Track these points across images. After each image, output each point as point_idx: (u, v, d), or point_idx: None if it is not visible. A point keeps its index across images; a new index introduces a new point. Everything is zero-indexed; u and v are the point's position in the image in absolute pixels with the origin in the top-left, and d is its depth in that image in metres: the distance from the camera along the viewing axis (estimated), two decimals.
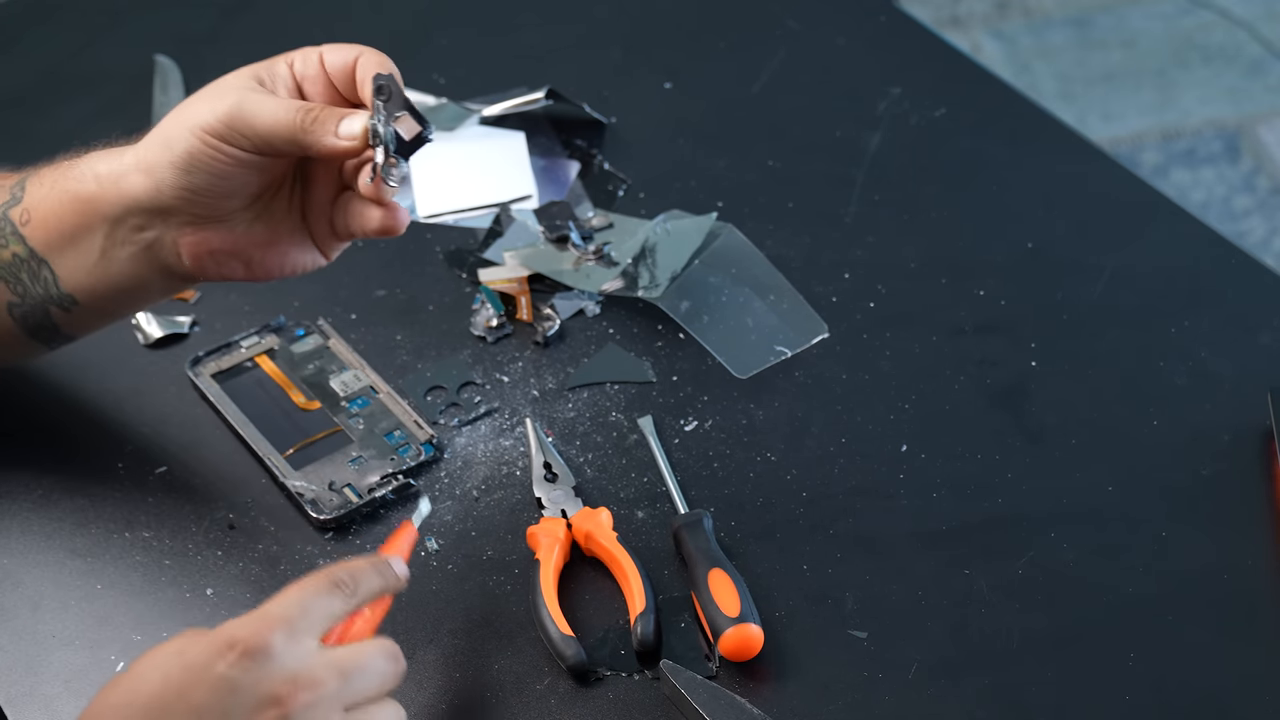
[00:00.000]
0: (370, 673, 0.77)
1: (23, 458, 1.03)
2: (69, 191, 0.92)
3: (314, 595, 0.77)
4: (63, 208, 0.92)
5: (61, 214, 0.92)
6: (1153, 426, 1.03)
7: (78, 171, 0.92)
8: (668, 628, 0.92)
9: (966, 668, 0.90)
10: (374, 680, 0.78)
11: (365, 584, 0.81)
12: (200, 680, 0.73)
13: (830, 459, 1.02)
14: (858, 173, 1.22)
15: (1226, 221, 2.41)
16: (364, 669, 0.77)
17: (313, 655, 0.75)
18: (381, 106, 0.88)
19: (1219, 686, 0.89)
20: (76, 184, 0.92)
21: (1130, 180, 1.22)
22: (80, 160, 0.93)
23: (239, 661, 0.73)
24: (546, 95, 1.24)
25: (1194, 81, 2.68)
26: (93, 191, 0.91)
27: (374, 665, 0.78)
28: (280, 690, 0.73)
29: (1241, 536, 0.96)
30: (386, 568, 0.83)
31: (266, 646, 0.74)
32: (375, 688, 0.78)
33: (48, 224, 0.93)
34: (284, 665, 0.74)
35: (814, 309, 1.11)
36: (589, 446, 1.03)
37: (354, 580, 0.80)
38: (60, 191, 0.92)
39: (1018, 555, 0.96)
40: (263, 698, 0.73)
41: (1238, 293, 1.12)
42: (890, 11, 1.39)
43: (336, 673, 0.75)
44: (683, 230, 1.14)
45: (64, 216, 0.92)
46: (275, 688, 0.73)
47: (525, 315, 1.11)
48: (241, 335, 1.09)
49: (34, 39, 1.38)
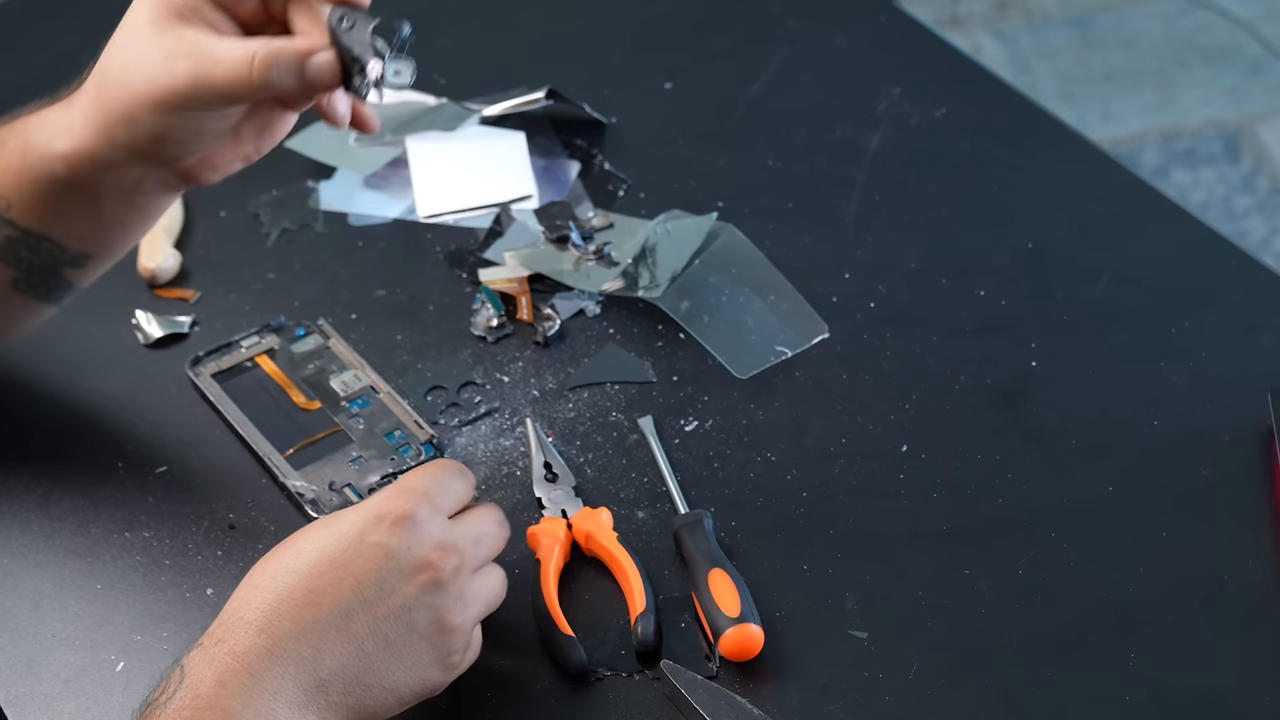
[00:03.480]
0: (489, 538, 0.86)
1: (23, 458, 1.03)
2: (40, 178, 0.91)
3: (447, 476, 0.85)
4: (40, 190, 0.92)
5: (42, 196, 0.92)
6: (1153, 426, 1.03)
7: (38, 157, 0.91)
8: (668, 628, 0.92)
9: (966, 668, 0.90)
10: (492, 545, 0.86)
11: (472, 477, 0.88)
12: (356, 548, 0.79)
13: (830, 459, 1.02)
14: (858, 173, 1.22)
15: (1226, 221, 2.41)
16: (487, 535, 0.85)
17: (450, 525, 0.83)
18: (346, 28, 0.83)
19: (1219, 686, 0.89)
20: (45, 168, 0.91)
21: (1130, 180, 1.23)
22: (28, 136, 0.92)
23: (392, 530, 0.80)
24: (546, 95, 1.24)
25: (1194, 81, 2.68)
26: (65, 173, 0.91)
27: (491, 531, 0.86)
28: (431, 556, 0.80)
29: (1241, 536, 0.96)
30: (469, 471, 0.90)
31: (415, 516, 0.81)
32: (493, 551, 0.86)
33: (31, 207, 0.93)
34: (431, 533, 0.81)
35: (814, 309, 1.11)
36: (589, 446, 1.03)
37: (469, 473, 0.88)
38: (31, 178, 0.92)
39: (1018, 555, 0.96)
40: (417, 563, 0.80)
41: (1238, 293, 1.12)
42: (890, 11, 1.39)
43: (471, 540, 0.84)
44: (683, 230, 1.14)
45: (45, 198, 0.92)
46: (426, 554, 0.80)
47: (525, 315, 1.11)
48: (241, 335, 1.09)
49: (34, 39, 1.38)
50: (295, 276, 1.15)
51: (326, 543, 0.80)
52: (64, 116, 0.91)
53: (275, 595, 0.78)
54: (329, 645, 0.77)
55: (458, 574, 0.81)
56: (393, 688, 0.79)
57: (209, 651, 0.76)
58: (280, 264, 1.16)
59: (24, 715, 0.89)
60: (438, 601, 0.80)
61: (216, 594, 0.95)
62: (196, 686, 0.75)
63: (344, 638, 0.77)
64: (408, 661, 0.80)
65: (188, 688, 0.75)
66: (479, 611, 0.84)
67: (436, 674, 0.82)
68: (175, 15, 0.86)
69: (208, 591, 0.95)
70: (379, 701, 0.79)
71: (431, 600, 0.80)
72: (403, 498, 0.82)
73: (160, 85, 0.85)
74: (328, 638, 0.77)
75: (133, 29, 0.88)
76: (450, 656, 0.82)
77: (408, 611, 0.79)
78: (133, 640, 0.93)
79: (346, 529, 0.80)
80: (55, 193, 0.92)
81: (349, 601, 0.78)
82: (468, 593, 0.82)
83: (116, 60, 0.89)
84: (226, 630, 0.77)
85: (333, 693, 0.77)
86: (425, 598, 0.80)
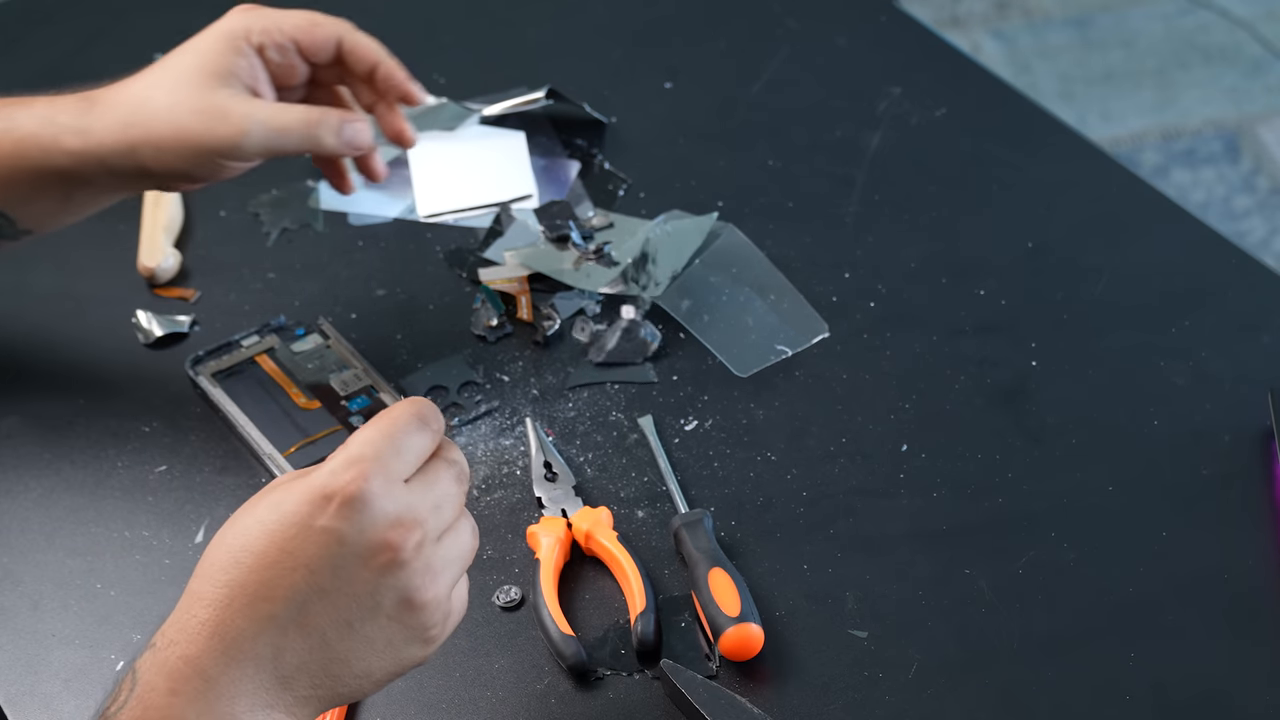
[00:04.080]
0: (451, 495, 0.77)
1: (23, 458, 1.03)
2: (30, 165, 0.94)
3: (402, 432, 0.75)
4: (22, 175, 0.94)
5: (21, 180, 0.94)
6: (1153, 426, 1.03)
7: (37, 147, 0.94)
8: (668, 627, 0.92)
9: (966, 668, 0.90)
10: (455, 501, 0.77)
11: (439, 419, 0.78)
12: (304, 535, 0.72)
13: (830, 459, 1.02)
14: (858, 173, 1.22)
15: (1226, 221, 2.41)
16: (447, 494, 0.76)
17: (408, 494, 0.74)
18: None
19: (1219, 686, 0.89)
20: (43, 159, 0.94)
21: (1130, 180, 1.23)
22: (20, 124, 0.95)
23: (339, 513, 0.71)
24: (546, 95, 1.24)
25: (1194, 81, 2.68)
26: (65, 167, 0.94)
27: (450, 488, 0.77)
28: (388, 536, 0.72)
29: (1241, 536, 0.96)
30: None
31: (364, 495, 0.72)
32: (457, 509, 0.77)
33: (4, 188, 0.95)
34: (384, 510, 0.72)
35: (814, 308, 1.11)
36: (589, 446, 1.03)
37: (435, 415, 0.77)
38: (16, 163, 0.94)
39: (1018, 555, 0.96)
40: (372, 545, 0.72)
41: (1238, 293, 1.12)
42: (890, 11, 1.39)
43: (431, 506, 0.75)
44: (683, 230, 1.14)
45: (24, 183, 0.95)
46: (382, 534, 0.72)
47: (525, 315, 1.11)
48: (241, 335, 1.09)
49: (34, 39, 1.38)
50: (295, 276, 1.15)
51: (272, 528, 0.72)
52: (80, 118, 0.95)
53: (227, 591, 0.71)
54: (288, 641, 0.71)
55: (420, 548, 0.73)
56: (366, 673, 0.74)
57: (161, 655, 0.71)
58: (280, 264, 1.16)
59: (24, 715, 0.89)
60: (402, 582, 0.73)
61: None
62: (148, 695, 0.70)
63: (303, 631, 0.72)
64: (379, 646, 0.74)
65: (139, 696, 0.70)
66: (452, 577, 0.76)
67: (414, 651, 0.76)
68: (218, 78, 0.96)
69: None
70: (353, 688, 0.74)
71: (395, 582, 0.73)
72: (351, 472, 0.72)
73: (202, 140, 0.95)
74: (286, 633, 0.71)
75: (179, 75, 0.96)
76: (428, 631, 0.75)
77: (370, 596, 0.73)
78: (132, 640, 0.93)
79: (291, 511, 0.72)
80: (41, 181, 0.95)
81: (303, 593, 0.71)
82: (435, 563, 0.75)
83: (159, 98, 0.95)
84: (178, 631, 0.72)
85: (298, 687, 0.72)
86: (387, 580, 0.73)
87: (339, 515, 0.71)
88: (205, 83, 0.96)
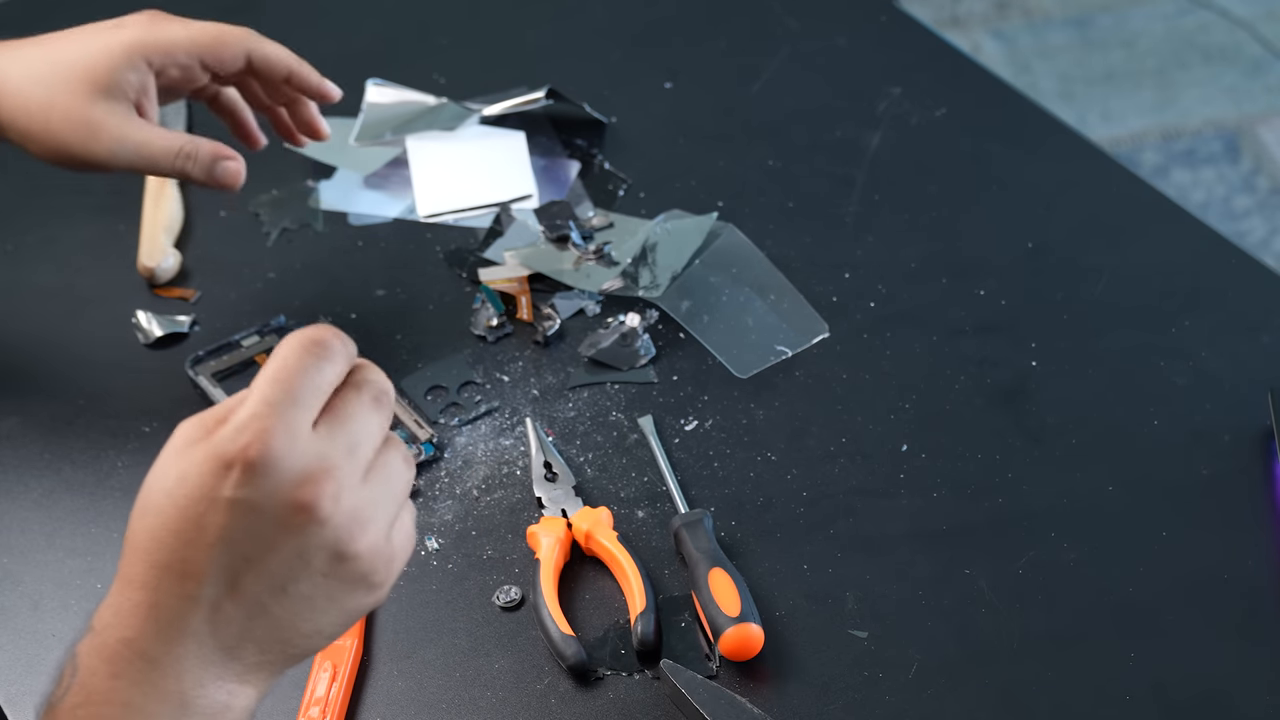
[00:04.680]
0: (370, 426, 0.70)
1: (23, 458, 1.03)
2: None
3: (300, 372, 0.68)
4: None
5: None
6: (1153, 426, 1.03)
7: None
8: (668, 627, 0.92)
9: (966, 668, 0.90)
10: (375, 432, 0.70)
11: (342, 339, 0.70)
12: (213, 508, 0.67)
13: (830, 459, 1.02)
14: (858, 173, 1.22)
15: (1226, 221, 2.41)
16: (362, 429, 0.69)
17: (316, 443, 0.68)
18: None
19: (1219, 686, 0.89)
20: None
21: (1130, 180, 1.22)
22: None
23: (243, 480, 0.66)
24: (546, 95, 1.24)
25: (1194, 81, 2.68)
26: None
27: (368, 418, 0.70)
28: (302, 495, 0.67)
29: (1241, 536, 0.96)
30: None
31: (264, 457, 0.66)
32: (378, 438, 0.70)
33: None
34: (294, 467, 0.67)
35: (814, 309, 1.11)
36: (589, 446, 1.03)
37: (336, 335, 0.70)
38: None
39: (1018, 555, 0.96)
40: (286, 506, 0.67)
41: (1238, 293, 1.12)
42: (890, 11, 1.39)
43: (345, 450, 0.68)
44: (683, 230, 1.14)
45: None
46: (295, 493, 0.67)
47: (525, 315, 1.11)
48: (241, 335, 1.09)
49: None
50: (295, 276, 1.15)
51: (182, 503, 0.67)
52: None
53: (154, 572, 0.68)
54: (223, 614, 0.68)
55: (339, 499, 0.67)
56: (315, 631, 0.70)
57: (99, 639, 0.68)
58: (280, 264, 1.16)
59: (24, 715, 0.89)
60: (327, 537, 0.68)
61: None
62: (90, 680, 0.67)
63: (237, 602, 0.68)
64: (320, 603, 0.69)
65: (81, 682, 0.68)
66: (385, 518, 0.70)
67: (361, 599, 0.71)
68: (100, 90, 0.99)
69: None
70: (305, 647, 0.71)
71: (319, 540, 0.67)
72: (247, 434, 0.66)
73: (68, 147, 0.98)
74: (219, 607, 0.68)
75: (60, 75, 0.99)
76: (369, 579, 0.70)
77: (298, 558, 0.68)
78: None
79: (195, 484, 0.67)
80: None
81: (228, 565, 0.67)
82: (362, 510, 0.69)
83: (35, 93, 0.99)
84: (114, 614, 0.68)
85: (246, 656, 0.69)
86: (310, 540, 0.67)
87: (243, 483, 0.66)
88: (85, 92, 0.98)
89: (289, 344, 0.69)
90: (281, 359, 0.68)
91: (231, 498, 0.66)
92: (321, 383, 0.69)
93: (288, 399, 0.67)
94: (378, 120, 1.25)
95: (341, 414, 0.69)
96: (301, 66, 1.06)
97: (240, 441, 0.66)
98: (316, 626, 0.70)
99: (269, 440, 0.66)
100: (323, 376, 0.69)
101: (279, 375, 0.68)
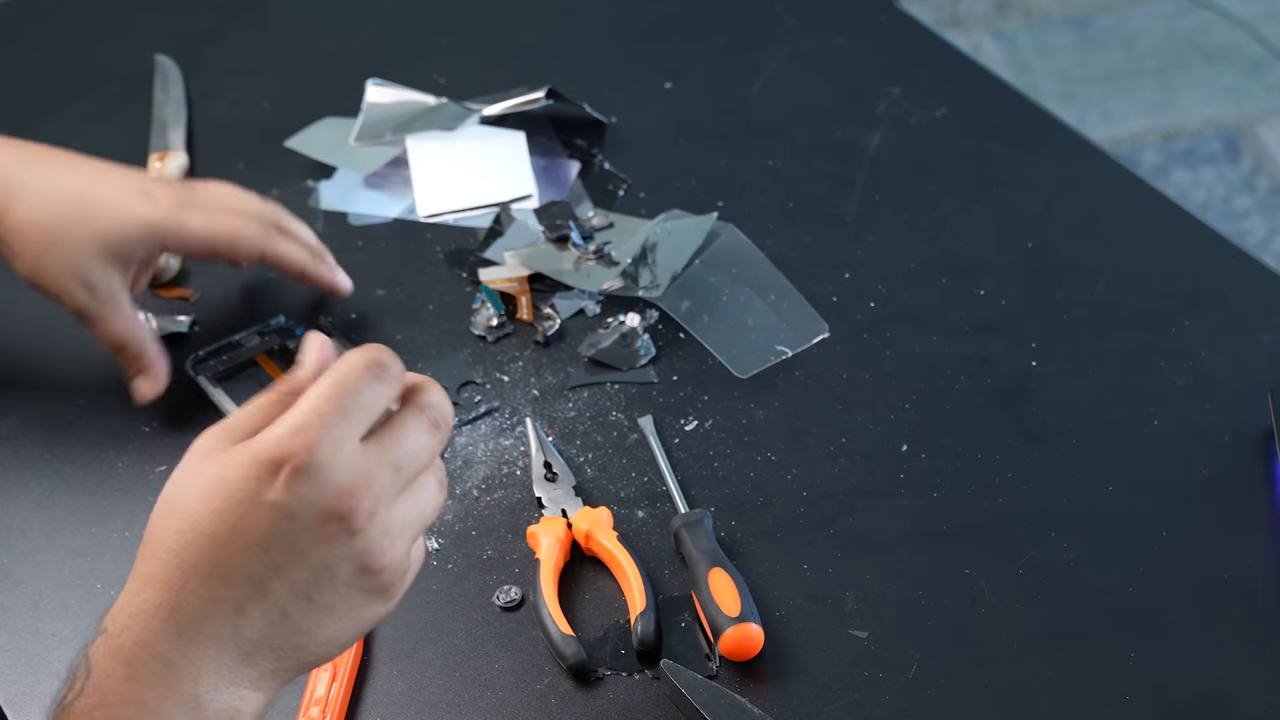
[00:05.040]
0: (414, 456, 0.72)
1: (23, 458, 1.03)
2: None
3: (354, 390, 0.70)
4: None
5: None
6: (1153, 426, 1.03)
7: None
8: (668, 627, 0.92)
9: (966, 668, 0.90)
10: (423, 453, 0.72)
11: (399, 364, 0.73)
12: (254, 511, 0.68)
13: (830, 459, 1.02)
14: (858, 173, 1.22)
15: (1226, 221, 2.41)
16: (411, 450, 0.71)
17: (362, 457, 0.69)
18: None
19: (1219, 686, 0.89)
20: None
21: (1130, 180, 1.22)
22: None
23: (287, 486, 0.68)
24: (546, 95, 1.24)
25: (1194, 81, 2.68)
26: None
27: (420, 439, 0.72)
28: (340, 505, 0.69)
29: (1241, 536, 0.96)
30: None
31: (313, 463, 0.68)
32: (424, 460, 0.72)
33: None
34: (336, 479, 0.68)
35: (814, 309, 1.11)
36: (589, 446, 1.03)
37: (394, 361, 0.72)
38: None
39: (1018, 555, 0.96)
40: (323, 515, 0.68)
41: (1238, 293, 1.12)
42: (890, 11, 1.39)
43: (391, 468, 0.70)
44: (683, 230, 1.14)
45: None
46: (334, 503, 0.68)
47: (525, 315, 1.11)
48: (241, 335, 1.09)
49: (34, 39, 1.38)
50: None
51: (219, 506, 0.69)
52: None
53: (179, 573, 0.69)
54: (246, 619, 0.69)
55: (374, 514, 0.70)
56: (330, 639, 0.72)
57: (115, 642, 0.69)
58: None
59: (24, 715, 0.89)
60: (357, 549, 0.70)
61: None
62: (105, 682, 0.68)
63: (261, 607, 0.69)
64: (340, 612, 0.71)
65: (95, 684, 0.68)
66: (411, 537, 0.73)
67: (375, 609, 0.73)
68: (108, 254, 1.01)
69: None
70: (319, 655, 0.72)
71: (349, 550, 0.70)
72: (299, 438, 0.68)
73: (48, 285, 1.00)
74: (243, 611, 0.69)
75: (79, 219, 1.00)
76: (387, 590, 0.72)
77: (325, 568, 0.70)
78: None
79: (238, 487, 0.69)
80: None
81: (259, 570, 0.69)
82: (393, 526, 0.71)
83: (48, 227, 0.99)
84: (130, 616, 0.69)
85: (262, 662, 0.70)
86: (341, 550, 0.69)
87: (287, 488, 0.68)
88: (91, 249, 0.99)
89: (350, 360, 0.71)
90: (339, 373, 0.70)
91: (274, 502, 0.68)
92: (373, 402, 0.70)
93: (338, 412, 0.69)
94: (378, 120, 1.25)
95: (397, 432, 0.71)
96: (315, 264, 1.08)
97: (289, 446, 0.68)
98: (332, 634, 0.72)
99: (317, 448, 0.68)
100: (375, 396, 0.70)
101: (335, 389, 0.70)
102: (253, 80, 1.33)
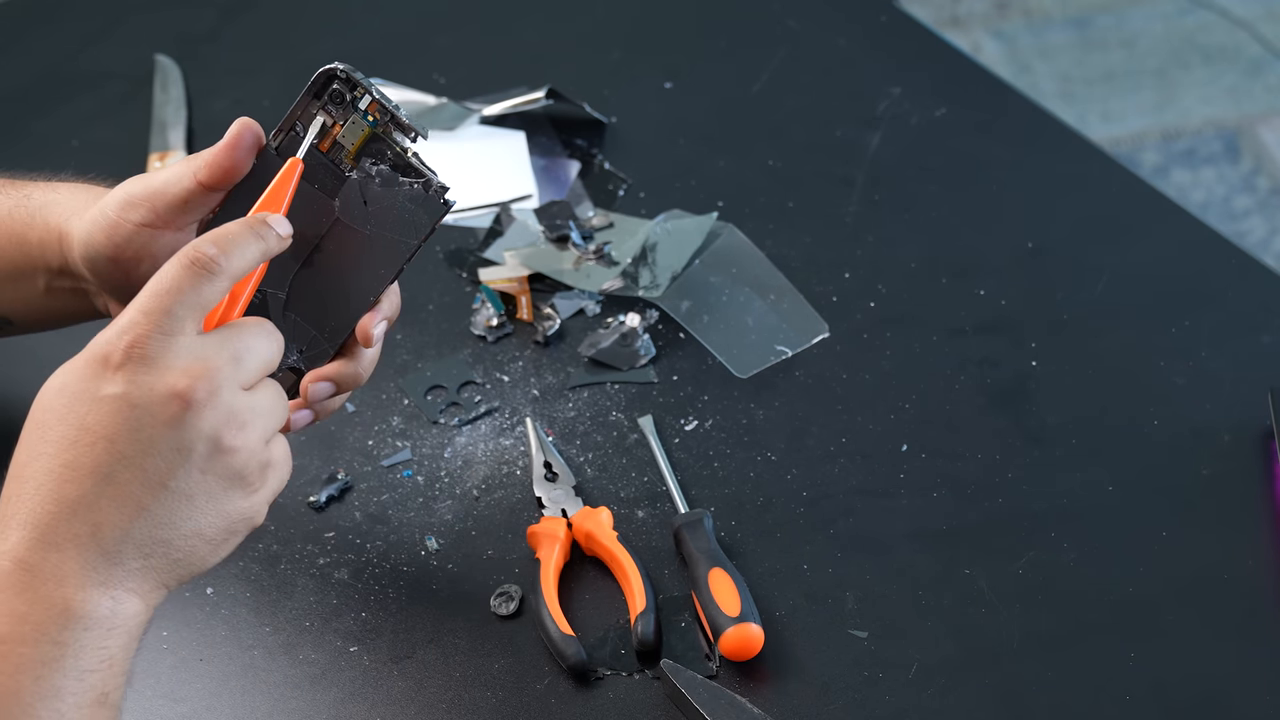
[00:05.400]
0: (253, 353, 0.74)
1: None
2: (16, 231, 0.91)
3: (175, 287, 0.72)
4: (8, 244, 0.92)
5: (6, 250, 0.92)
6: (1153, 426, 1.03)
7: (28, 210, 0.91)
8: (668, 627, 0.92)
9: (966, 668, 0.90)
10: (261, 359, 0.75)
11: (238, 255, 0.75)
12: (93, 407, 0.70)
13: (830, 459, 1.02)
14: (858, 173, 1.22)
15: (1226, 221, 2.41)
16: (249, 350, 0.74)
17: (197, 345, 0.72)
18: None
19: (1219, 686, 0.89)
20: (25, 225, 0.91)
21: (1130, 180, 1.22)
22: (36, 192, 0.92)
23: (120, 374, 0.71)
24: (546, 95, 1.24)
25: (1194, 81, 2.68)
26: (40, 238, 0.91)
27: (257, 345, 0.75)
28: (178, 384, 0.71)
29: (1241, 536, 0.96)
30: (265, 228, 0.77)
31: (142, 353, 0.71)
32: (261, 367, 0.75)
33: None
34: (172, 363, 0.71)
35: (814, 309, 1.11)
36: (589, 446, 1.03)
37: (223, 253, 0.74)
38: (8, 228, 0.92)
39: (1018, 555, 0.96)
40: (163, 396, 0.70)
41: (1238, 293, 1.12)
42: (890, 11, 1.39)
43: (228, 356, 0.73)
44: (683, 230, 1.14)
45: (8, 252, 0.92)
46: (172, 382, 0.71)
47: (525, 315, 1.11)
48: None
49: (34, 39, 1.38)
50: None
51: (62, 410, 0.71)
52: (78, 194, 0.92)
53: (34, 484, 0.70)
54: (103, 515, 0.70)
55: (216, 395, 0.71)
56: (196, 532, 0.72)
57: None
58: None
59: None
60: (203, 426, 0.71)
61: (216, 593, 0.95)
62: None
63: (116, 501, 0.70)
64: (200, 501, 0.72)
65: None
66: (261, 428, 0.74)
67: (238, 501, 0.73)
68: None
69: (208, 591, 0.95)
70: (188, 552, 0.73)
71: (195, 429, 0.71)
72: (130, 333, 0.71)
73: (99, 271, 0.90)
74: (97, 507, 0.70)
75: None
76: (245, 478, 0.73)
77: (174, 451, 0.71)
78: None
79: (77, 388, 0.71)
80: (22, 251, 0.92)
81: (108, 464, 0.70)
82: (239, 410, 0.72)
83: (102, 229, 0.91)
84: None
85: (128, 560, 0.71)
86: (187, 430, 0.71)
87: (120, 377, 0.70)
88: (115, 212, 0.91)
89: (174, 260, 0.73)
90: (164, 274, 0.72)
91: (110, 394, 0.70)
92: (199, 299, 0.73)
93: (162, 309, 0.71)
94: None
95: (236, 328, 0.74)
96: None
97: (116, 342, 0.71)
98: (196, 526, 0.72)
99: (148, 340, 0.71)
100: (200, 294, 0.73)
101: (159, 288, 0.72)
102: (253, 80, 1.33)
